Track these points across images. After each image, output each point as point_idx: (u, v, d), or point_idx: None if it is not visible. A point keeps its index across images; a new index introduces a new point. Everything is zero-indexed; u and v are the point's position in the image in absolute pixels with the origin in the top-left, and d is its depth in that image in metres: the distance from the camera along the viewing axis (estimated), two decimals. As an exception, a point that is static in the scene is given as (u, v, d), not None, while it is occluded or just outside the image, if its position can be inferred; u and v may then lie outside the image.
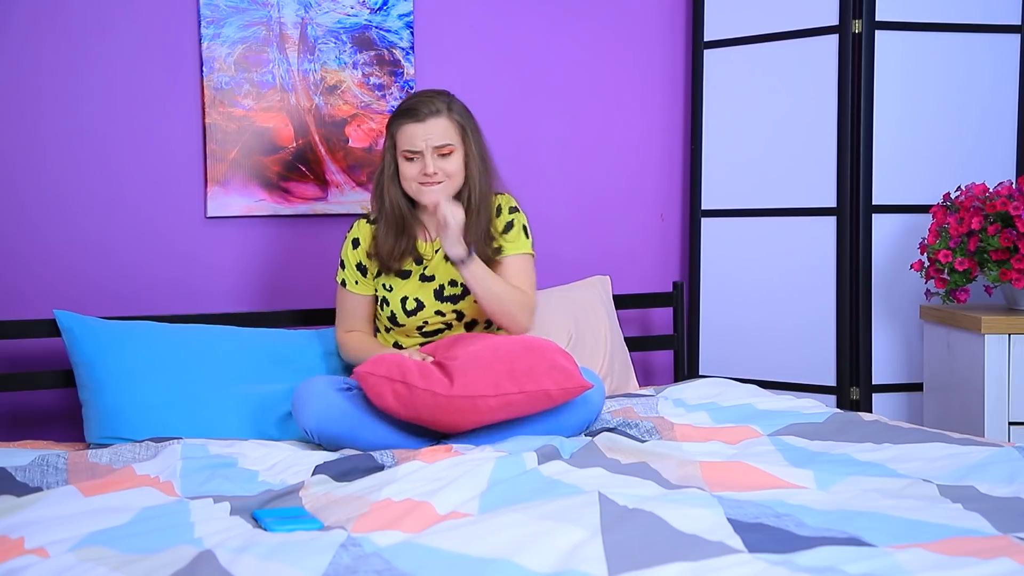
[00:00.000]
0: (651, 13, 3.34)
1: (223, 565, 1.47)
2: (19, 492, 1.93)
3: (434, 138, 2.44)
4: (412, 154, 2.45)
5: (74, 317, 2.55)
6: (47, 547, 1.58)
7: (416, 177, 2.46)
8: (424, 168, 2.44)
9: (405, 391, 2.16)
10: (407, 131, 2.45)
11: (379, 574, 1.44)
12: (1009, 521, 1.64)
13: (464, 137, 2.49)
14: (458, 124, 2.48)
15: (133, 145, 2.87)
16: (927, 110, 3.10)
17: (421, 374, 2.17)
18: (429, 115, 2.44)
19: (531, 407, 2.21)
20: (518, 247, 2.55)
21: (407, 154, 2.46)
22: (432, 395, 2.15)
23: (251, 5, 2.92)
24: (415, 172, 2.46)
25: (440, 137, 2.44)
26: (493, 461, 2.02)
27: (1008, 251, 2.69)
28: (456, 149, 2.47)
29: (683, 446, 2.21)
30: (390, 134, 2.51)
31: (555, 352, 2.27)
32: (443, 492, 1.84)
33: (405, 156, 2.47)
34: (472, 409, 2.16)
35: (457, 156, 2.47)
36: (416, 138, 2.44)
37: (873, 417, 2.41)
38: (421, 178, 2.45)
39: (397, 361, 2.20)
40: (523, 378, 2.18)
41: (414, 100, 2.48)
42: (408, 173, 2.47)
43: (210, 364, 2.55)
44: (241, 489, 1.96)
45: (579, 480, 1.92)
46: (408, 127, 2.45)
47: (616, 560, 1.46)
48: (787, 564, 1.43)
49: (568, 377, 2.22)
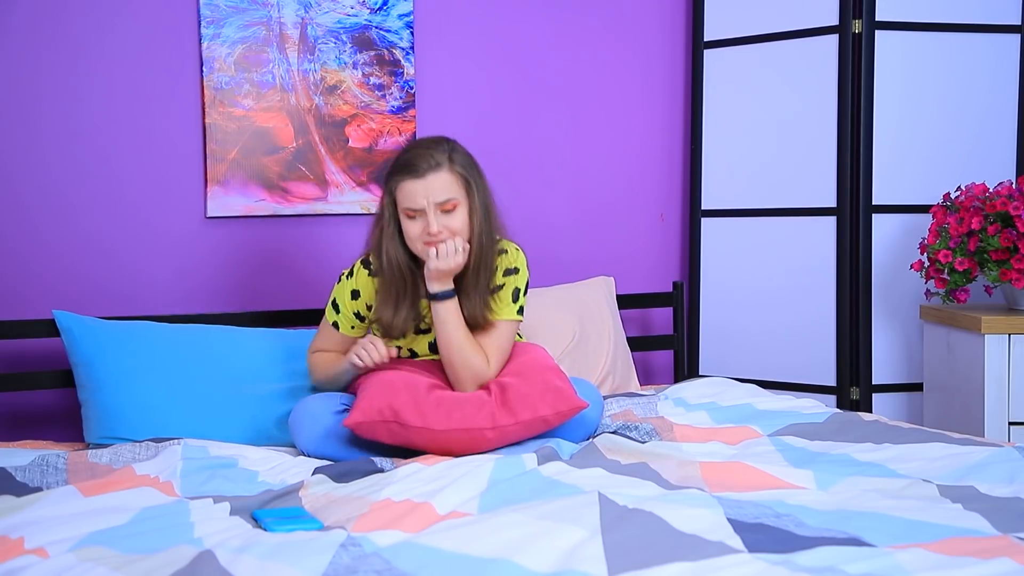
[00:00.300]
0: (651, 13, 3.34)
1: (223, 565, 1.47)
2: (19, 492, 1.93)
3: (436, 194, 2.25)
4: (414, 212, 2.26)
5: (73, 317, 2.55)
6: (47, 547, 1.58)
7: (420, 237, 2.27)
8: (427, 227, 2.25)
9: (400, 430, 2.14)
10: (406, 188, 2.26)
11: (379, 574, 1.44)
12: (1009, 521, 1.64)
13: (468, 190, 2.30)
14: (461, 177, 2.29)
15: (133, 145, 2.87)
16: (927, 110, 3.10)
17: (415, 409, 2.14)
18: (429, 170, 2.25)
19: (528, 433, 2.21)
20: (502, 313, 2.35)
21: (408, 212, 2.27)
22: (429, 432, 2.13)
23: (251, 5, 2.92)
24: (418, 231, 2.27)
25: (442, 192, 2.26)
26: (493, 461, 2.02)
27: (1008, 251, 2.69)
28: (460, 203, 2.28)
29: (683, 446, 2.21)
30: (388, 190, 2.32)
31: (546, 371, 2.26)
32: (443, 492, 1.84)
33: (407, 215, 2.28)
34: (470, 441, 2.15)
35: (462, 211, 2.28)
36: (417, 195, 2.25)
37: (873, 417, 2.41)
38: (425, 237, 2.27)
39: (388, 401, 2.14)
40: (518, 406, 2.17)
41: (412, 154, 2.29)
42: (412, 233, 2.28)
43: (210, 364, 2.55)
44: (241, 489, 1.97)
45: (579, 480, 1.92)
46: (407, 184, 2.26)
47: (616, 560, 1.46)
48: (787, 564, 1.44)
49: (563, 399, 2.20)
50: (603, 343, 2.98)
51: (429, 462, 2.07)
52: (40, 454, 2.18)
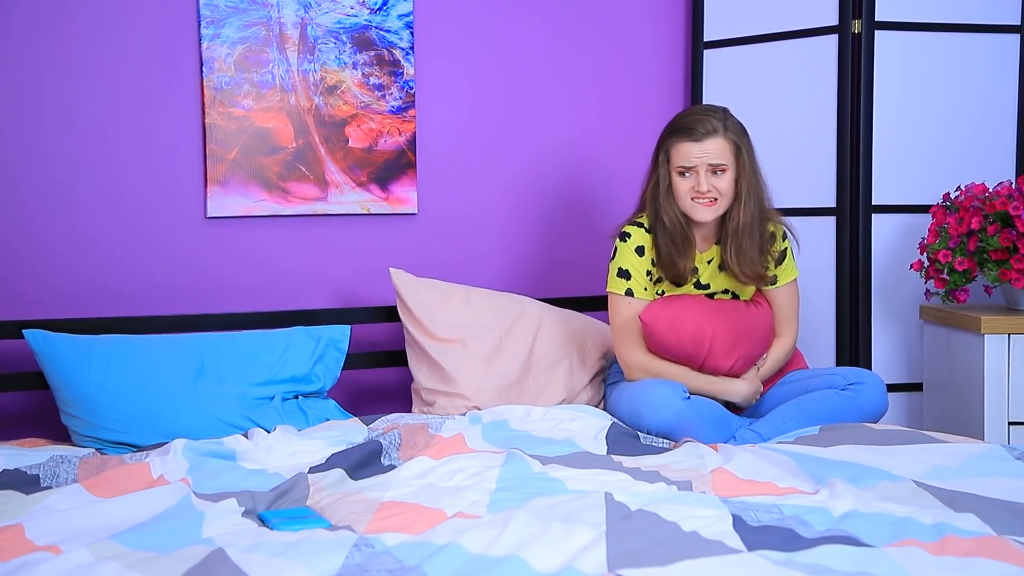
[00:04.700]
0: (651, 13, 3.34)
1: (236, 563, 1.47)
2: (31, 490, 1.94)
3: (709, 156, 2.51)
4: (686, 170, 2.53)
5: (43, 335, 2.53)
6: (59, 544, 1.59)
7: (688, 193, 2.54)
8: (697, 185, 2.52)
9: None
10: (683, 148, 2.52)
11: (391, 573, 1.44)
12: (1004, 521, 1.65)
13: (738, 156, 2.54)
14: (733, 143, 2.54)
15: (133, 145, 2.87)
16: (927, 110, 3.10)
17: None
18: (706, 134, 2.51)
19: None
20: (788, 275, 2.69)
21: (680, 169, 2.53)
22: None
23: (251, 5, 2.92)
24: (687, 188, 2.54)
25: (715, 156, 2.51)
26: (501, 462, 2.03)
27: (1008, 251, 2.69)
28: (729, 168, 2.53)
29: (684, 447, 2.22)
30: (664, 149, 2.57)
31: None
32: (452, 492, 1.85)
33: (678, 171, 2.54)
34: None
35: (729, 175, 2.53)
36: (691, 156, 2.51)
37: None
38: (693, 194, 2.53)
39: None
40: None
41: (691, 118, 2.55)
42: (681, 189, 2.54)
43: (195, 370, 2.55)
44: (252, 484, 1.97)
45: (586, 482, 1.93)
46: (684, 145, 2.52)
47: (621, 560, 1.47)
48: (789, 564, 1.45)
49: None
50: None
51: (437, 456, 2.08)
52: (54, 453, 2.20)
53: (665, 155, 2.57)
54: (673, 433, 2.40)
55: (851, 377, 2.53)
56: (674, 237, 2.57)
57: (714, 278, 2.67)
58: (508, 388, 2.72)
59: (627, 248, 2.62)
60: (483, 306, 2.84)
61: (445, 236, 3.14)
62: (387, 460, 2.14)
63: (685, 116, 2.59)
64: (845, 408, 2.47)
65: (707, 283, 2.65)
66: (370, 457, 2.12)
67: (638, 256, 2.62)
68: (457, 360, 2.73)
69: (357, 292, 3.08)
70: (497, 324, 2.81)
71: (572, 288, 3.24)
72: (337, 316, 2.87)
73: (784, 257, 2.68)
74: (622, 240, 2.64)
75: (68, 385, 2.48)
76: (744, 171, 2.55)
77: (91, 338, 2.57)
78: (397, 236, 3.10)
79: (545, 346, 2.81)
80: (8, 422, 2.78)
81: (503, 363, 2.74)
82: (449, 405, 2.67)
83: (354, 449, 2.15)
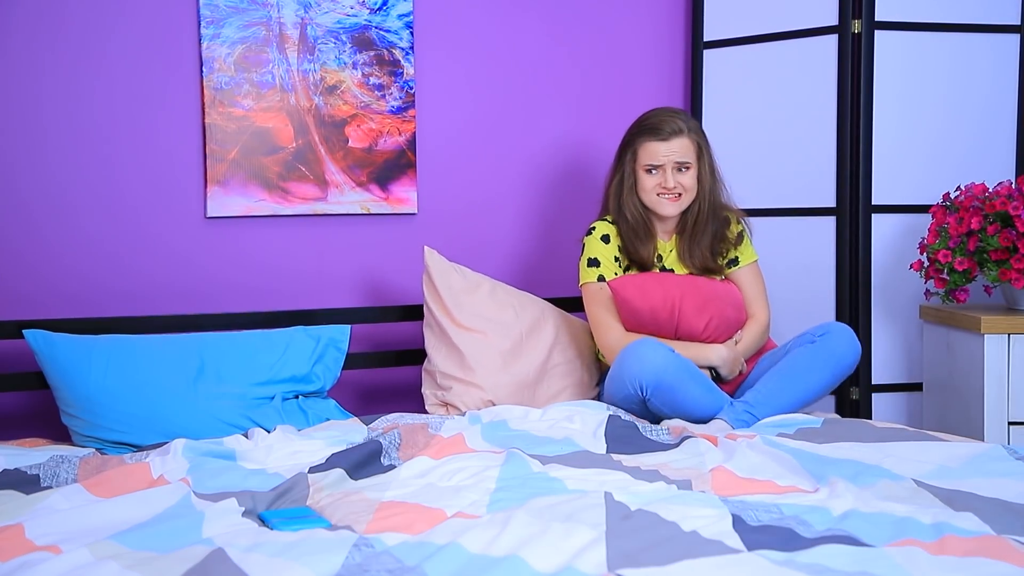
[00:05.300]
0: (651, 13, 3.34)
1: (236, 563, 1.47)
2: (31, 490, 1.94)
3: (675, 155, 2.70)
4: (653, 167, 2.71)
5: (43, 335, 2.53)
6: (59, 544, 1.59)
7: (655, 188, 2.72)
8: (664, 181, 2.70)
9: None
10: (650, 147, 2.71)
11: (391, 573, 1.44)
12: (1003, 521, 1.65)
13: (700, 155, 2.74)
14: (696, 143, 2.74)
15: (133, 145, 2.87)
16: (927, 110, 3.10)
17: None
18: (672, 134, 2.70)
19: None
20: (748, 256, 2.84)
21: (648, 167, 2.72)
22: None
23: (251, 5, 2.92)
24: (653, 184, 2.72)
25: (681, 155, 2.70)
26: (501, 462, 2.03)
27: (1008, 251, 2.69)
28: (692, 167, 2.72)
29: (685, 446, 2.22)
30: (631, 148, 2.74)
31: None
32: (452, 492, 1.85)
33: (645, 169, 2.72)
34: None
35: (692, 172, 2.73)
36: (659, 154, 2.70)
37: (869, 420, 2.42)
38: (659, 190, 2.72)
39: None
40: None
41: (656, 119, 2.73)
42: (647, 185, 2.73)
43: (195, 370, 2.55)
44: (252, 484, 1.97)
45: (586, 481, 1.93)
46: (652, 144, 2.70)
47: (621, 560, 1.47)
48: (789, 564, 1.45)
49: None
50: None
51: (437, 456, 2.08)
52: (54, 453, 2.19)
53: (632, 154, 2.74)
54: (667, 389, 2.46)
55: (819, 331, 2.64)
56: (637, 230, 2.75)
57: (677, 264, 2.80)
58: (523, 388, 2.74)
59: (593, 239, 2.78)
60: (507, 303, 2.86)
61: (445, 236, 3.14)
62: (387, 460, 2.14)
63: (651, 117, 2.75)
64: (820, 358, 2.57)
65: (671, 268, 2.79)
66: (370, 457, 2.12)
67: (604, 244, 2.77)
68: (478, 350, 2.75)
69: (357, 292, 3.08)
70: (518, 323, 2.83)
71: (572, 288, 3.24)
72: (337, 316, 2.87)
73: (741, 239, 2.83)
74: (588, 235, 2.79)
75: (68, 385, 2.48)
76: (705, 165, 2.74)
77: (91, 338, 2.57)
78: (397, 236, 3.10)
79: (563, 353, 2.84)
80: (8, 422, 2.78)
81: (522, 363, 2.77)
82: (464, 393, 2.69)
83: (354, 449, 2.15)
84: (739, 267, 2.83)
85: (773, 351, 2.79)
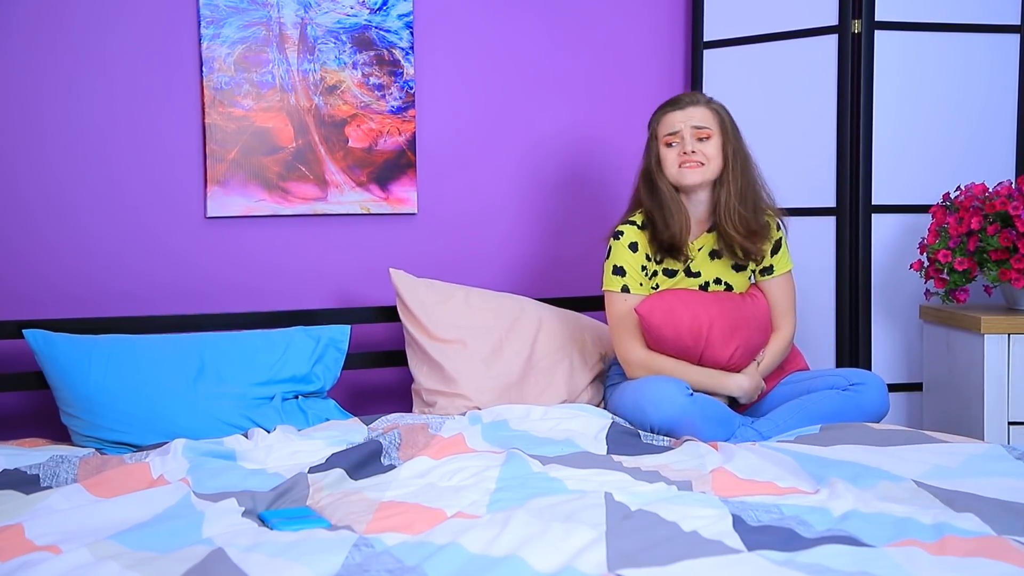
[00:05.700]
0: (651, 13, 3.34)
1: (235, 563, 1.47)
2: (31, 490, 1.94)
3: (693, 120, 2.60)
4: (672, 138, 2.62)
5: (43, 335, 2.53)
6: (59, 544, 1.59)
7: (676, 159, 2.61)
8: (683, 147, 2.60)
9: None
10: (668, 118, 2.64)
11: (390, 572, 1.45)
12: (1004, 521, 1.65)
13: (722, 126, 2.63)
14: (716, 113, 2.64)
15: (133, 145, 2.87)
16: (926, 110, 3.10)
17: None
18: (689, 103, 2.63)
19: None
20: (783, 265, 2.73)
21: (668, 139, 2.63)
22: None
23: (251, 5, 2.92)
24: (675, 155, 2.61)
25: (699, 120, 2.61)
26: (501, 462, 2.03)
27: (1007, 251, 2.69)
28: (714, 135, 2.61)
29: (685, 446, 2.22)
30: (651, 129, 2.68)
31: None
32: (452, 492, 1.85)
33: (666, 142, 2.63)
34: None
35: (715, 142, 2.61)
36: (676, 122, 2.62)
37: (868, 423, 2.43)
38: (681, 158, 2.60)
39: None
40: None
41: (676, 96, 2.69)
42: (669, 158, 2.62)
43: (195, 370, 2.55)
44: (252, 484, 1.97)
45: (586, 481, 1.93)
46: (669, 114, 2.64)
47: (621, 560, 1.47)
48: (789, 564, 1.45)
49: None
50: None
51: (437, 456, 2.08)
52: (54, 453, 2.19)
53: (653, 133, 2.67)
54: (676, 430, 2.40)
55: (853, 378, 2.54)
56: (671, 207, 2.61)
57: (705, 265, 2.69)
58: (509, 388, 2.72)
59: (620, 245, 2.65)
60: (483, 306, 2.84)
61: (445, 236, 3.14)
62: (387, 460, 2.14)
63: (669, 97, 2.73)
64: (847, 408, 2.48)
65: (698, 271, 2.68)
66: (370, 457, 2.12)
67: (632, 252, 2.64)
68: (457, 360, 2.73)
69: (357, 292, 3.08)
70: (497, 324, 2.81)
71: (573, 288, 3.25)
72: (337, 316, 2.87)
73: (779, 247, 2.73)
74: (615, 238, 2.67)
75: (68, 385, 2.48)
76: (729, 140, 2.63)
77: (91, 338, 2.57)
78: (397, 236, 3.10)
79: (545, 346, 2.81)
80: (8, 422, 2.78)
81: (504, 363, 2.75)
82: (450, 405, 2.67)
83: (354, 449, 2.15)
84: (773, 276, 2.73)
85: (797, 375, 2.70)
